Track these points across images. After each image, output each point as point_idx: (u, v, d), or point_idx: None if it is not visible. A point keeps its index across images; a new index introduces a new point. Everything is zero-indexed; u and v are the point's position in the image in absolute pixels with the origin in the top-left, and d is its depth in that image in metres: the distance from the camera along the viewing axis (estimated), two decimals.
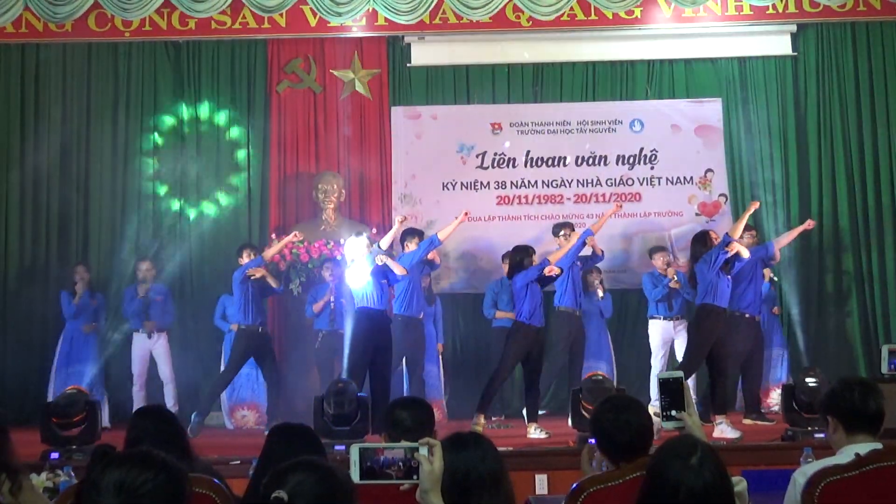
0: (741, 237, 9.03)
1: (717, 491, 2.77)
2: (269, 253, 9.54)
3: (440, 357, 10.25)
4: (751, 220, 9.75)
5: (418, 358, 9.51)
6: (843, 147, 11.21)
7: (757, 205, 9.42)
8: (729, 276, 8.77)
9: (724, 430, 8.14)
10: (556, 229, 9.86)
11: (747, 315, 9.43)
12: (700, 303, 8.78)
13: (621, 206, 9.83)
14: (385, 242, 8.84)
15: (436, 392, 10.11)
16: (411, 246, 9.29)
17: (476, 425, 8.50)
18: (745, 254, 8.76)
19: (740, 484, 3.38)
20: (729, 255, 8.62)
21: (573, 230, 9.73)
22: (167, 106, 11.14)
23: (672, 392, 3.45)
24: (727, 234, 8.84)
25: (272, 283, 9.48)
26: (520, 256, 8.98)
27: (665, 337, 9.97)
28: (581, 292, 9.56)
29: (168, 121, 11.13)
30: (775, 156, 11.22)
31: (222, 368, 9.82)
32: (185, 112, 11.14)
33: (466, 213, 9.37)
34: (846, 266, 11.13)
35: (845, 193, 11.17)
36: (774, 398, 9.96)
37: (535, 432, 8.59)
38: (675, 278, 9.81)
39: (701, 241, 8.89)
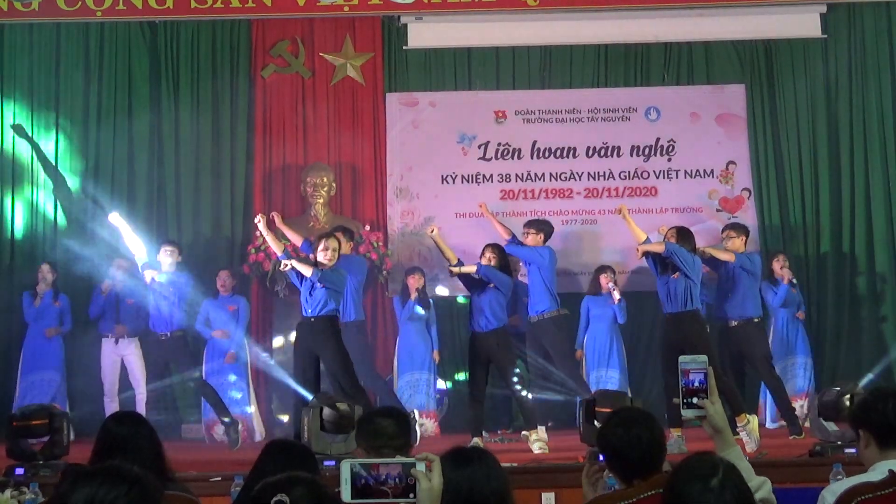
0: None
1: None
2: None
3: (435, 365, 10.26)
4: (769, 218, 9.82)
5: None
6: (877, 137, 11.20)
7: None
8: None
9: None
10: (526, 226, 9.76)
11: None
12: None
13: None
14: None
15: (430, 402, 10.15)
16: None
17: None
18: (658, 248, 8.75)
19: (764, 487, 3.38)
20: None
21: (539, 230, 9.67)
22: (142, 92, 11.12)
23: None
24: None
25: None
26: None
27: None
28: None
29: (143, 108, 11.12)
30: (804, 147, 11.23)
31: (202, 375, 9.82)
32: (163, 98, 11.13)
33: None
34: (880, 268, 11.12)
35: (881, 188, 11.17)
36: (797, 409, 9.95)
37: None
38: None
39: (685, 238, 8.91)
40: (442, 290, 10.86)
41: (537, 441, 8.62)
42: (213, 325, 10.07)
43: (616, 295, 10.05)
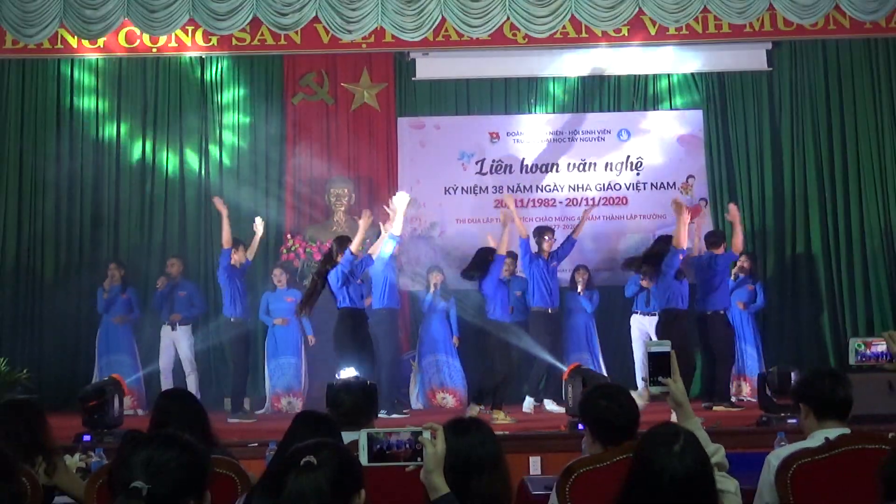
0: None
1: (698, 476, 2.78)
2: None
3: (455, 349, 10.22)
4: (722, 225, 9.82)
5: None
6: (814, 156, 11.20)
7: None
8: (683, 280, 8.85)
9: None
10: (535, 234, 9.68)
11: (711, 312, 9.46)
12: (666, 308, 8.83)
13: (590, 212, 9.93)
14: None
15: (454, 381, 10.14)
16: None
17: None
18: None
19: (718, 453, 3.38)
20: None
21: (551, 235, 9.65)
22: (192, 117, 11.13)
23: (659, 361, 3.43)
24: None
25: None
26: (481, 257, 9.06)
27: (643, 330, 9.95)
28: (553, 291, 9.39)
29: (193, 130, 11.13)
30: (752, 163, 11.23)
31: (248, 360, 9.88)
32: (209, 122, 11.15)
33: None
34: (817, 268, 11.11)
35: (816, 199, 11.15)
36: (747, 388, 9.96)
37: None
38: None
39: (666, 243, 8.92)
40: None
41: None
42: (273, 314, 10.04)
43: (580, 288, 10.03)
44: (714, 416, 8.23)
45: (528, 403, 9.33)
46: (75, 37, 10.23)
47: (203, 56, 11.10)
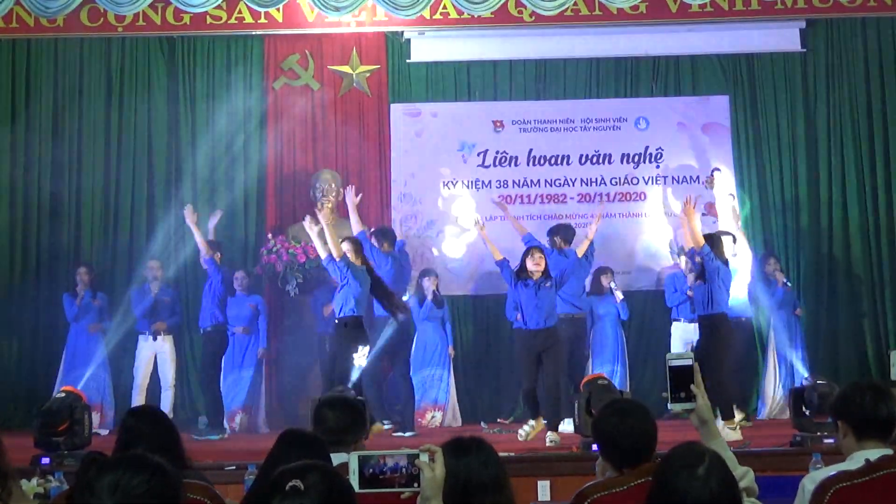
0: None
1: (724, 501, 2.79)
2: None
3: (450, 360, 10.24)
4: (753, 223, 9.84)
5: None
6: (853, 147, 11.21)
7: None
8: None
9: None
10: (550, 233, 9.82)
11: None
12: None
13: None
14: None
15: (443, 396, 10.18)
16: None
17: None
18: None
19: (747, 476, 3.38)
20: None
21: (563, 237, 9.69)
22: (160, 103, 11.14)
23: (681, 374, 3.43)
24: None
25: None
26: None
27: (687, 340, 9.90)
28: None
29: (161, 119, 11.14)
30: (784, 155, 11.23)
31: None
32: (181, 109, 11.16)
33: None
34: (857, 270, 11.12)
35: (856, 196, 11.17)
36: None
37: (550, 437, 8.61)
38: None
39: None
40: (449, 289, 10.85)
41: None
42: (231, 323, 10.05)
43: (619, 294, 10.07)
44: (743, 436, 8.25)
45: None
46: (32, 15, 10.22)
47: (174, 36, 11.09)
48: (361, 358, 8.42)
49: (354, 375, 8.43)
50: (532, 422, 8.77)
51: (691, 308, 9.77)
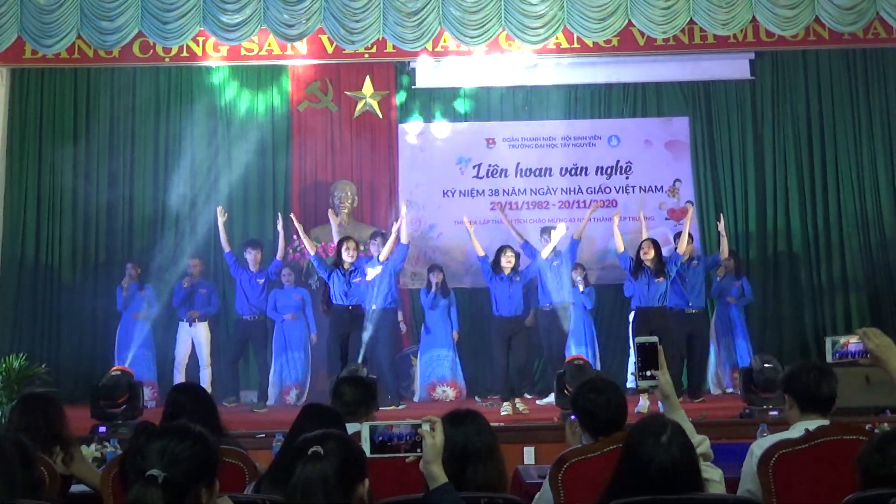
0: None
1: (684, 465, 2.80)
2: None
3: (455, 343, 10.17)
4: (707, 226, 9.82)
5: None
6: (794, 160, 11.21)
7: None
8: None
9: None
10: (542, 232, 9.83)
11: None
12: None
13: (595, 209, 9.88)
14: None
15: (454, 374, 10.13)
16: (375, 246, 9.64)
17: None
18: None
19: (704, 443, 3.39)
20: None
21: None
22: (202, 124, 11.13)
23: (648, 355, 3.43)
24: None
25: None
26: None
27: None
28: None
29: (202, 136, 11.13)
30: (735, 167, 11.23)
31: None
32: (219, 129, 11.16)
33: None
34: (798, 267, 11.13)
35: (797, 203, 11.16)
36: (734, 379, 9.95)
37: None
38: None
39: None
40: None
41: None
42: (280, 311, 10.04)
43: (580, 286, 10.00)
44: (699, 408, 8.24)
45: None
46: (91, 47, 10.22)
47: (212, 65, 11.09)
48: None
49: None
50: (506, 403, 8.82)
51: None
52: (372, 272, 9.25)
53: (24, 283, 10.81)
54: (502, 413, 8.52)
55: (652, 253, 9.05)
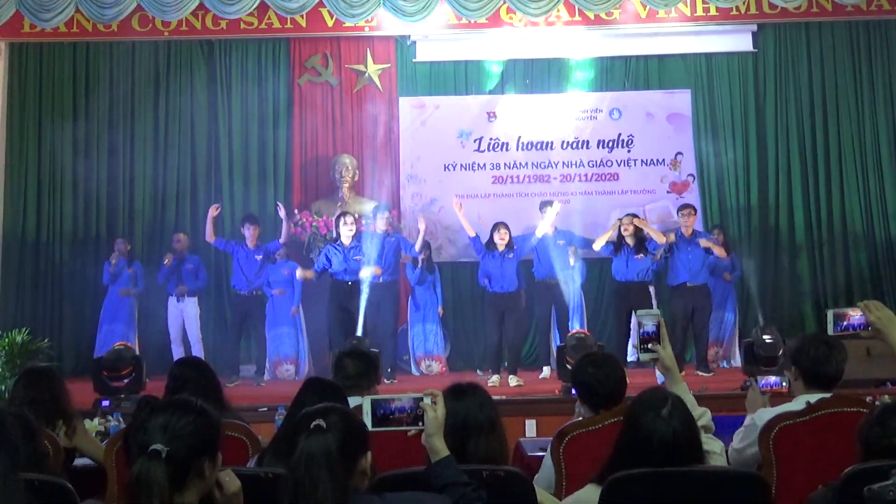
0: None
1: (685, 438, 2.81)
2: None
3: (440, 318, 10.21)
4: (709, 199, 9.80)
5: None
6: (797, 133, 11.16)
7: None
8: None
9: None
10: (542, 206, 9.69)
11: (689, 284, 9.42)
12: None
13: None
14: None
15: (438, 349, 10.15)
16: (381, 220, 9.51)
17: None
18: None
19: (705, 416, 3.40)
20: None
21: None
22: (201, 99, 11.09)
23: (649, 328, 3.43)
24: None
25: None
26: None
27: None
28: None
29: (202, 111, 11.09)
30: (737, 140, 11.19)
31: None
32: (219, 104, 11.12)
33: None
34: (798, 240, 11.11)
35: (798, 175, 11.13)
36: (713, 354, 9.90)
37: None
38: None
39: None
40: (444, 257, 10.81)
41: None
42: (272, 286, 10.01)
43: (571, 261, 9.96)
44: (700, 381, 8.26)
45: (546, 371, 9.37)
46: (90, 21, 10.16)
47: (212, 39, 11.03)
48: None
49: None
50: (495, 376, 8.86)
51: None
52: (367, 270, 9.20)
53: (25, 258, 10.82)
54: (489, 385, 8.56)
55: (631, 228, 9.10)
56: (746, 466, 3.72)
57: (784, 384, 4.43)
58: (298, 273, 9.65)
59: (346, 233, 9.19)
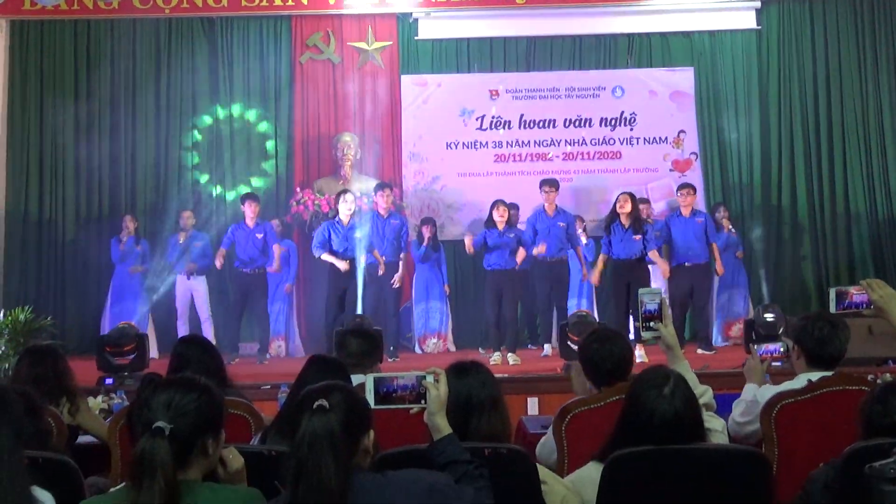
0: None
1: (686, 416, 2.82)
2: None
3: (446, 296, 10.19)
4: (712, 177, 9.77)
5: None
6: (800, 111, 11.13)
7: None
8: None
9: None
10: (541, 185, 9.49)
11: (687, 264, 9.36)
12: None
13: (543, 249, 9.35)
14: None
15: (443, 327, 10.16)
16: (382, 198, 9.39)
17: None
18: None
19: (706, 394, 3.40)
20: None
21: (556, 188, 9.51)
22: (203, 76, 11.05)
23: (650, 306, 3.43)
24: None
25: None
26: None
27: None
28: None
29: (203, 89, 11.05)
30: (740, 118, 11.14)
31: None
32: (220, 81, 11.08)
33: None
34: (801, 218, 11.10)
35: (801, 154, 11.10)
36: (736, 331, 9.94)
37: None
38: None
39: None
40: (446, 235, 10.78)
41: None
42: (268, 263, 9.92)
43: (582, 238, 9.93)
44: (702, 359, 8.27)
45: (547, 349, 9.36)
46: None
47: (213, 17, 10.99)
48: None
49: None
50: (496, 353, 8.86)
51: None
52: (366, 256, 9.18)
53: (28, 236, 10.83)
54: (491, 363, 8.54)
55: (628, 207, 8.80)
56: (746, 441, 3.74)
57: (782, 349, 4.43)
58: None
59: (345, 211, 9.11)
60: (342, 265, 8.95)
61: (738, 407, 3.94)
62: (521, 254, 9.02)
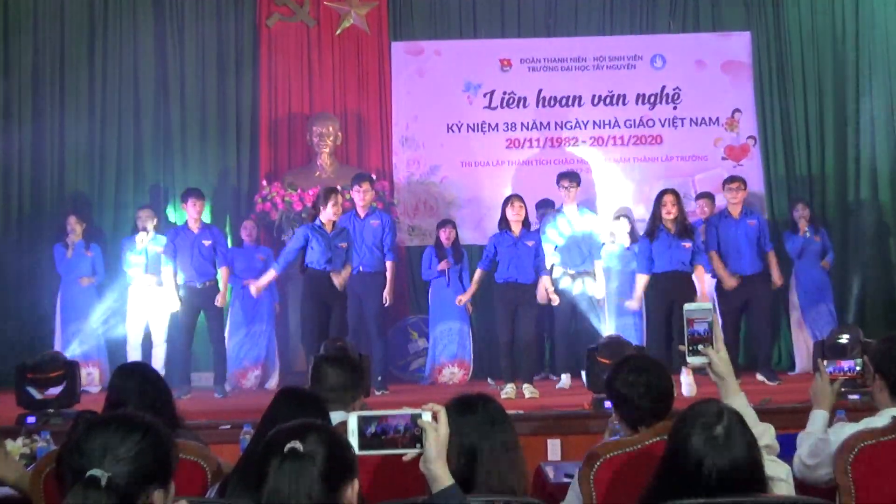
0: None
1: (744, 463, 2.78)
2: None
3: (468, 314, 10.04)
4: (774, 167, 9.77)
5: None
6: (884, 87, 11.12)
7: None
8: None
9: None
10: (559, 179, 9.38)
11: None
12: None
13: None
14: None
15: (465, 352, 10.06)
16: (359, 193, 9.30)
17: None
18: None
19: (767, 433, 3.38)
20: None
21: (578, 183, 9.45)
22: (146, 42, 11.05)
23: (699, 326, 3.43)
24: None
25: None
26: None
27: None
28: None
29: (148, 60, 11.07)
30: (810, 96, 11.15)
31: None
32: (168, 48, 11.09)
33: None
34: (885, 218, 11.09)
35: (885, 140, 11.09)
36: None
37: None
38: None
39: None
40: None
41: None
42: (239, 275, 9.92)
43: (627, 242, 9.88)
44: (762, 391, 8.27)
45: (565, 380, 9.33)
46: None
47: None
48: None
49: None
50: (510, 385, 8.82)
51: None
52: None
53: None
54: (503, 396, 8.49)
55: (675, 211, 8.64)
56: (817, 484, 3.73)
57: (857, 368, 4.42)
58: (252, 289, 9.21)
59: (331, 216, 8.69)
60: (337, 280, 8.79)
61: (804, 442, 3.93)
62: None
